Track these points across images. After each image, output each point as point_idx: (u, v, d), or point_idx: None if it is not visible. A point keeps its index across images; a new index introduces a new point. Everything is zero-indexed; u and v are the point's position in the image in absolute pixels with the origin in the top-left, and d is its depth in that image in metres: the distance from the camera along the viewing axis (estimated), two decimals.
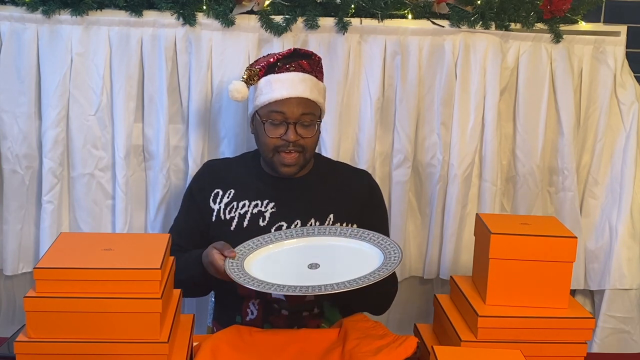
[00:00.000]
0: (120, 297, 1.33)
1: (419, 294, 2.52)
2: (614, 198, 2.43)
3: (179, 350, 1.45)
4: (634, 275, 2.44)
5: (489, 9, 2.26)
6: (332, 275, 1.59)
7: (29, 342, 1.33)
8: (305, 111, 1.83)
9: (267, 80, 1.86)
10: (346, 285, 1.53)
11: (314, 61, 1.91)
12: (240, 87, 1.89)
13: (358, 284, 1.53)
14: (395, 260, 1.60)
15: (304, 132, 1.84)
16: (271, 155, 1.85)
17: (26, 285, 2.32)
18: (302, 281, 1.57)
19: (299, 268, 1.65)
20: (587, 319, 1.57)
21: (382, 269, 1.59)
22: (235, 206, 1.88)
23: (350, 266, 1.62)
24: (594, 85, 2.38)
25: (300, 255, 1.71)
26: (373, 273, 1.57)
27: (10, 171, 2.21)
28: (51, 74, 2.14)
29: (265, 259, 1.69)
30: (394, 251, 1.65)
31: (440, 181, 2.34)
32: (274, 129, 1.83)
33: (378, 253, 1.67)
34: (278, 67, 1.87)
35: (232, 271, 1.62)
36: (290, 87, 1.83)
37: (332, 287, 1.53)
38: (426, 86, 2.30)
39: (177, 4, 2.15)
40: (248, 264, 1.66)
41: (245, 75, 1.90)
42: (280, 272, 1.63)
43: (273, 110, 1.83)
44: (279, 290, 1.56)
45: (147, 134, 2.23)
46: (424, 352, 1.59)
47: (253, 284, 1.56)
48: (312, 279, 1.59)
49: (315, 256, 1.68)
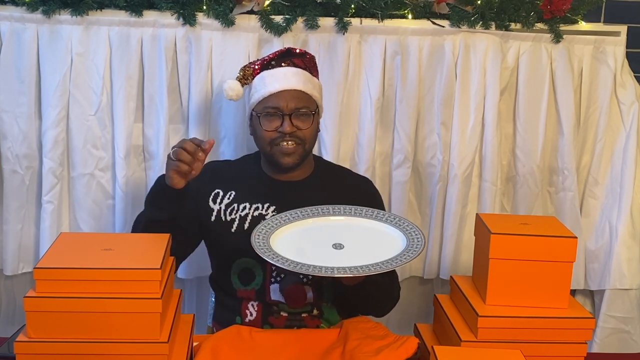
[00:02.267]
0: (120, 297, 1.34)
1: (419, 294, 2.52)
2: (614, 198, 2.43)
3: (179, 350, 1.45)
4: (634, 275, 2.44)
5: (489, 9, 2.26)
6: (356, 257, 1.59)
7: (29, 342, 1.33)
8: (299, 104, 1.85)
9: (260, 77, 1.89)
10: (370, 269, 1.53)
11: (307, 59, 1.94)
12: (235, 86, 1.91)
13: (382, 268, 1.53)
14: (419, 246, 1.60)
15: (300, 124, 1.84)
16: (269, 148, 1.86)
17: (26, 285, 2.32)
18: (326, 261, 1.57)
19: (323, 248, 1.65)
20: (587, 319, 1.57)
21: (404, 254, 1.58)
22: (236, 208, 1.88)
23: (374, 248, 1.62)
24: (594, 85, 2.38)
25: (325, 234, 1.70)
26: (397, 257, 1.57)
27: (10, 171, 2.21)
28: (51, 74, 2.14)
29: (291, 236, 1.69)
30: (417, 236, 1.64)
31: (440, 181, 2.34)
32: (269, 122, 1.85)
33: (401, 236, 1.67)
34: (272, 66, 1.90)
35: (258, 246, 1.61)
36: (284, 80, 1.86)
37: (357, 269, 1.53)
38: (426, 86, 2.30)
39: (177, 4, 2.15)
40: (274, 240, 1.66)
41: (240, 74, 1.92)
42: (305, 251, 1.63)
43: (268, 105, 1.85)
44: (304, 270, 1.54)
45: (147, 134, 2.23)
46: (424, 353, 1.59)
47: (281, 261, 1.56)
48: (337, 259, 1.59)
49: (340, 236, 1.68)
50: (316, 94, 1.91)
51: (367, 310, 1.87)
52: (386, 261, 1.56)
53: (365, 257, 1.57)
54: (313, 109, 1.88)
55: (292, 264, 1.55)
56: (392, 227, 1.70)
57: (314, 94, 1.89)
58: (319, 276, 1.78)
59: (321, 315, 1.87)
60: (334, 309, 1.89)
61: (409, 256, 1.57)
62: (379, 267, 1.53)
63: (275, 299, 1.83)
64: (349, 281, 1.70)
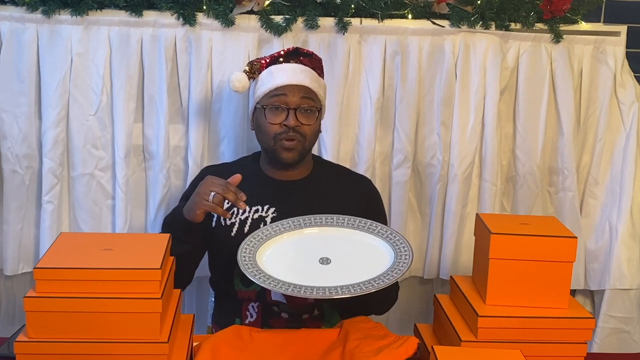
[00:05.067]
0: (120, 297, 1.33)
1: (419, 294, 2.52)
2: (614, 198, 2.43)
3: (179, 350, 1.45)
4: (634, 275, 2.44)
5: (489, 9, 2.26)
6: (342, 274, 1.58)
7: (29, 342, 1.33)
8: (305, 99, 1.86)
9: (268, 71, 1.91)
10: (355, 289, 1.53)
11: (314, 59, 1.95)
12: (242, 77, 1.93)
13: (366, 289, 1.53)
14: (406, 262, 1.60)
15: (304, 119, 1.85)
16: (272, 143, 1.86)
17: (26, 285, 2.32)
18: (312, 278, 1.57)
19: (310, 263, 1.65)
20: (587, 319, 1.57)
21: (391, 271, 1.58)
22: (236, 212, 1.87)
23: (362, 264, 1.62)
24: (594, 85, 2.38)
25: (312, 247, 1.70)
26: (382, 275, 1.57)
27: (10, 171, 2.21)
28: (51, 74, 2.14)
29: (276, 251, 1.69)
30: (405, 250, 1.64)
31: (440, 181, 2.34)
32: (274, 116, 1.85)
33: (389, 250, 1.66)
34: (280, 62, 1.91)
35: (245, 266, 1.61)
36: (291, 75, 1.87)
37: (342, 290, 1.53)
38: (426, 86, 2.30)
39: (177, 4, 2.15)
40: (260, 255, 1.66)
41: (247, 68, 1.93)
42: (291, 266, 1.63)
43: (274, 94, 1.86)
44: (291, 291, 1.54)
45: (147, 134, 2.23)
46: (424, 353, 1.59)
47: (266, 282, 1.56)
48: (323, 276, 1.59)
49: (328, 249, 1.68)
50: (321, 93, 1.92)
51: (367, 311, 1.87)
52: (366, 281, 1.55)
53: (350, 274, 1.57)
54: (318, 106, 1.89)
55: (273, 281, 1.55)
56: (382, 241, 1.70)
57: (319, 92, 1.90)
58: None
59: (322, 317, 1.87)
60: (335, 309, 1.89)
61: (392, 276, 1.56)
62: (357, 288, 1.53)
63: (276, 299, 1.83)
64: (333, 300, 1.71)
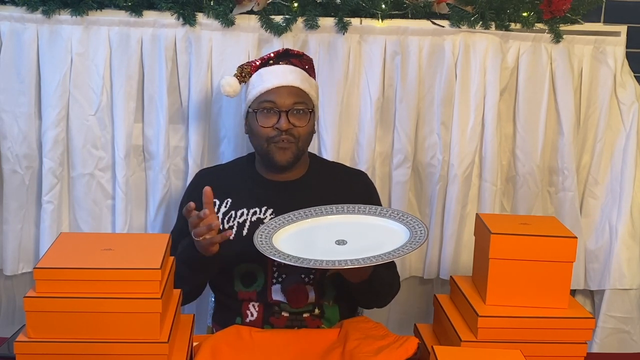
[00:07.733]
0: (120, 297, 1.33)
1: (419, 294, 2.52)
2: (614, 198, 2.43)
3: (179, 350, 1.45)
4: (634, 275, 2.44)
5: (489, 9, 2.26)
6: (359, 251, 1.60)
7: (29, 342, 1.33)
8: (296, 100, 1.85)
9: (258, 74, 1.91)
10: (377, 259, 1.55)
11: (305, 60, 1.95)
12: (232, 81, 1.93)
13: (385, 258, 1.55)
14: (422, 237, 1.62)
15: (296, 121, 1.85)
16: (266, 145, 1.86)
17: (26, 285, 2.32)
18: (329, 257, 1.59)
19: (326, 244, 1.67)
20: (587, 319, 1.57)
21: (408, 244, 1.60)
22: (234, 215, 1.87)
23: (378, 242, 1.64)
24: (594, 85, 2.38)
25: (327, 232, 1.72)
26: (401, 248, 1.59)
27: (10, 171, 2.21)
28: (51, 74, 2.14)
29: (293, 235, 1.71)
30: (420, 228, 1.66)
31: (440, 181, 2.34)
32: (266, 119, 1.85)
33: (403, 229, 1.69)
34: (269, 64, 1.91)
35: (260, 244, 1.63)
36: (281, 77, 1.87)
37: (358, 261, 1.55)
38: (426, 86, 2.30)
39: (177, 4, 2.15)
40: (276, 240, 1.67)
41: (237, 72, 1.93)
42: (308, 248, 1.64)
43: (265, 99, 1.85)
44: (306, 264, 1.57)
45: (147, 134, 2.23)
46: (424, 353, 1.59)
47: (284, 257, 1.58)
48: (340, 254, 1.61)
49: (343, 233, 1.70)
50: (313, 93, 1.91)
51: (370, 303, 1.88)
52: (392, 251, 1.58)
53: (370, 251, 1.59)
54: (310, 107, 1.89)
55: (297, 259, 1.57)
56: (394, 222, 1.72)
57: (310, 92, 1.90)
58: (321, 275, 1.79)
59: (322, 315, 1.87)
60: (336, 308, 1.89)
61: (414, 245, 1.59)
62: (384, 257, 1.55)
63: (276, 299, 1.83)
64: (355, 277, 1.70)
